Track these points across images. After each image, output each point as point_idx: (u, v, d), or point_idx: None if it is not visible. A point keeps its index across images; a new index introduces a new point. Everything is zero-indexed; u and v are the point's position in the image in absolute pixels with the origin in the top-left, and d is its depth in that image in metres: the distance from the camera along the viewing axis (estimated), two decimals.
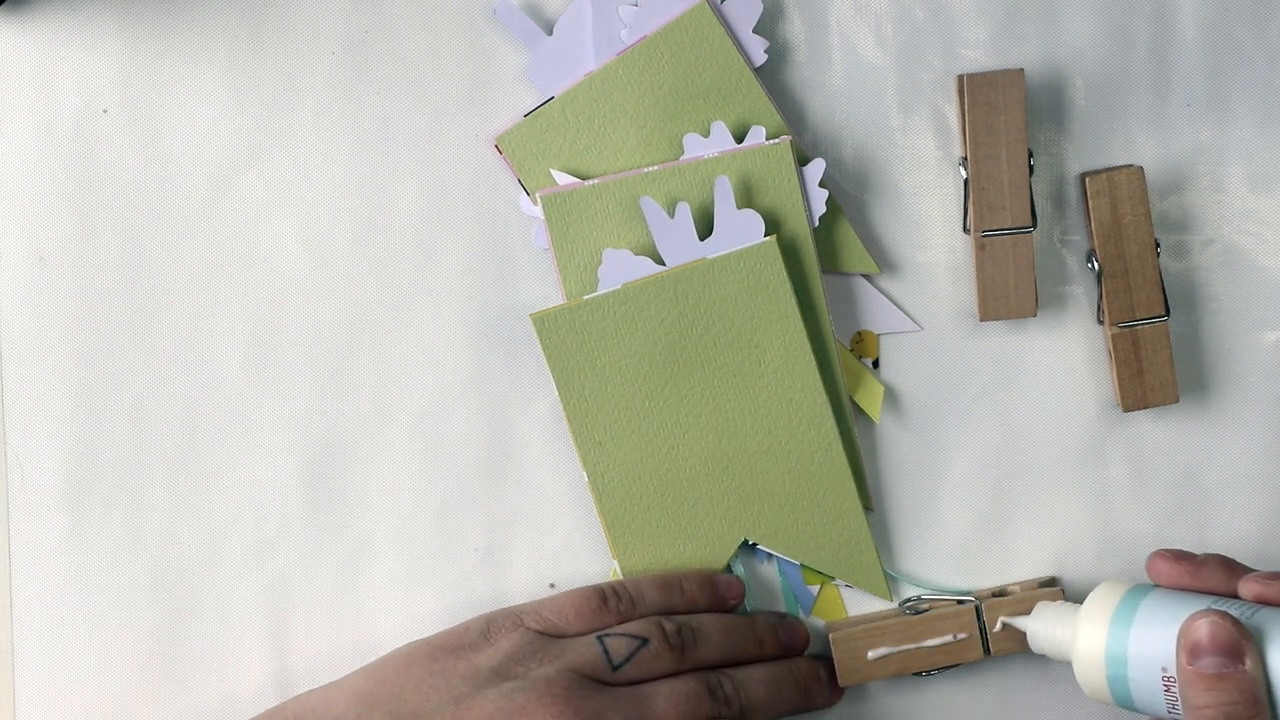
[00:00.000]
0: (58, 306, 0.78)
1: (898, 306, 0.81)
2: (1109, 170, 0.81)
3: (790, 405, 0.79)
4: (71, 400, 0.78)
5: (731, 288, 0.78)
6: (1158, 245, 0.80)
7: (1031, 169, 0.80)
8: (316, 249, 0.79)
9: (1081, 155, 0.82)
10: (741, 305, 0.78)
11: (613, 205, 0.78)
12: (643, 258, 0.78)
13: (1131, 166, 0.81)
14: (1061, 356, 0.82)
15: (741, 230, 0.78)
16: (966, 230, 0.81)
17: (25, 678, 0.78)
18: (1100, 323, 0.82)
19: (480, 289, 0.80)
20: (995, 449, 0.82)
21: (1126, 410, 0.81)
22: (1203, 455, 0.83)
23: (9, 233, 0.78)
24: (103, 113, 0.78)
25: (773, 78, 0.80)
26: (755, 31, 0.79)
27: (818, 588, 0.81)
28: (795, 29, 0.80)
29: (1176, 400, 0.81)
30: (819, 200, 0.79)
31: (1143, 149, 0.82)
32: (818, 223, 0.79)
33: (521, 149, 0.79)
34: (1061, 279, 0.82)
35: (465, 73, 0.79)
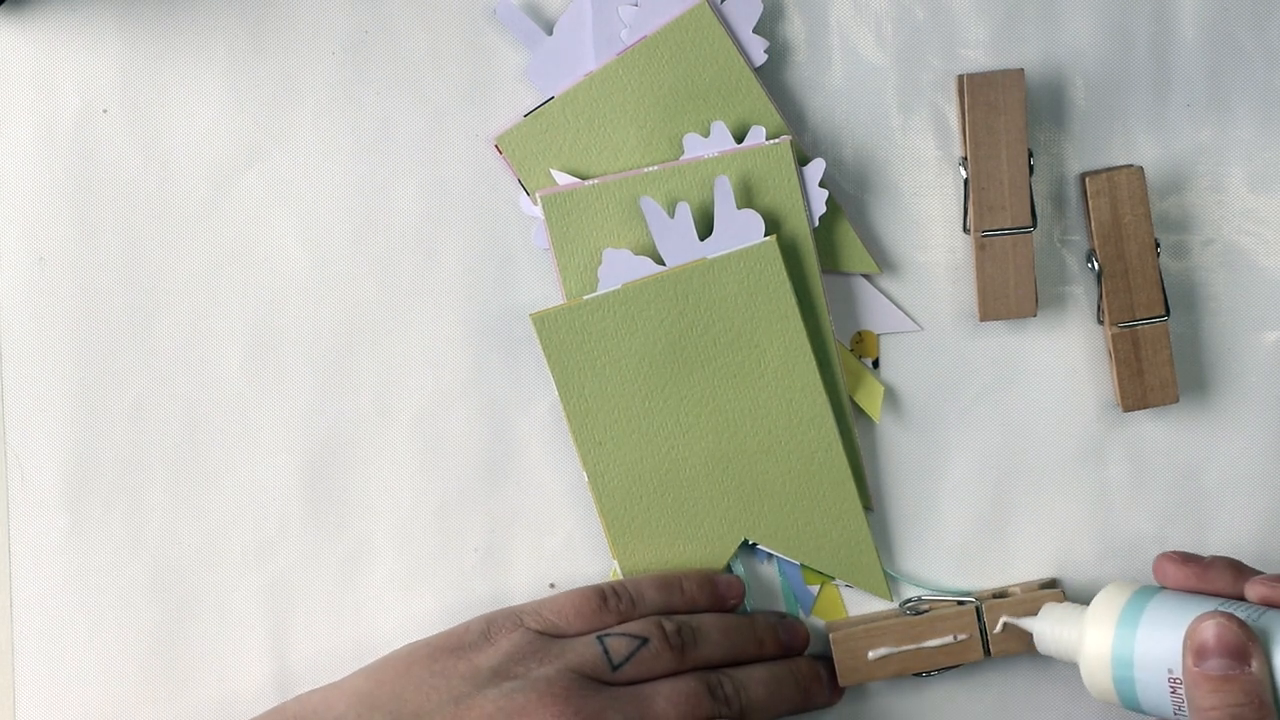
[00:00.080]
0: (58, 306, 0.78)
1: (898, 306, 0.81)
2: (1109, 170, 0.81)
3: (790, 405, 0.79)
4: (71, 400, 0.78)
5: (731, 288, 0.78)
6: (1158, 245, 0.80)
7: (1031, 169, 0.79)
8: (316, 249, 0.79)
9: (1081, 155, 0.82)
10: (741, 305, 0.78)
11: (613, 205, 0.78)
12: (643, 258, 0.78)
13: (1131, 166, 0.80)
14: (1061, 356, 0.82)
15: (741, 230, 0.78)
16: (966, 230, 0.81)
17: (25, 678, 0.78)
18: (1100, 323, 0.82)
19: (480, 289, 0.79)
20: (995, 449, 0.82)
21: (1126, 410, 0.81)
22: (1203, 455, 0.83)
23: (9, 233, 0.78)
24: (103, 113, 0.78)
25: (773, 78, 0.80)
26: (755, 31, 0.79)
27: (818, 588, 0.81)
28: (795, 29, 0.80)
29: (1176, 400, 0.81)
30: (819, 200, 0.79)
31: (1143, 149, 0.82)
32: (818, 223, 0.79)
33: (521, 149, 0.79)
34: (1061, 279, 0.82)
35: (465, 73, 0.79)
